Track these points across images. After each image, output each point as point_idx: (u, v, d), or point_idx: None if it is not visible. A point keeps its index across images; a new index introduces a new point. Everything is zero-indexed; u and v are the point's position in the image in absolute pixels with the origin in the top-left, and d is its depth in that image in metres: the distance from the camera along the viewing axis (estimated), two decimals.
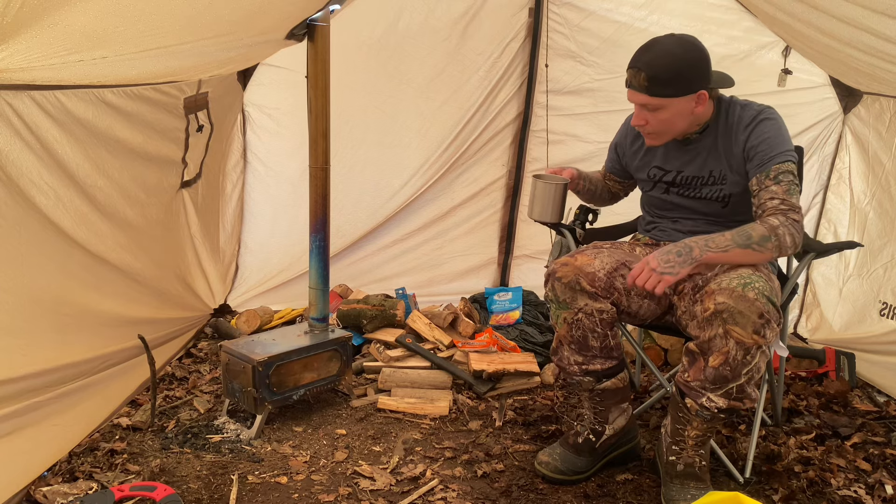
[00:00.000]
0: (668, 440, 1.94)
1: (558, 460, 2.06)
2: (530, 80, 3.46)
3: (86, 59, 1.70)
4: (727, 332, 1.73)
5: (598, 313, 1.97)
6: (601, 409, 2.06)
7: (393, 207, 3.55)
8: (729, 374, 1.76)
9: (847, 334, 3.10)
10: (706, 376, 1.79)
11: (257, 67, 3.22)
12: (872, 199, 3.05)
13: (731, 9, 3.11)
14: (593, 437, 2.06)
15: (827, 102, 3.19)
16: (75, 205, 2.03)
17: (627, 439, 2.13)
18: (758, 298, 1.72)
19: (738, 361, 1.74)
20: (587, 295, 1.96)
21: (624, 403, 2.09)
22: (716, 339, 1.75)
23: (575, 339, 2.00)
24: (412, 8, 3.28)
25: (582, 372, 2.03)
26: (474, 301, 3.53)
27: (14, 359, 1.80)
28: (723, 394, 1.79)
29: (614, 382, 2.05)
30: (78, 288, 2.10)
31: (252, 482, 2.01)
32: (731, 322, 1.73)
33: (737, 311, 1.72)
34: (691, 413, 1.85)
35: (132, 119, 2.24)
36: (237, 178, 3.42)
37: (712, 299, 1.76)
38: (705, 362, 1.79)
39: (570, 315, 1.98)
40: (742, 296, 1.72)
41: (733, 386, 1.77)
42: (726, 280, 1.78)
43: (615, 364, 2.04)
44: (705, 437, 1.90)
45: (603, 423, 2.06)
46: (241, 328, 3.15)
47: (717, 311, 1.74)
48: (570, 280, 1.96)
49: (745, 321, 1.72)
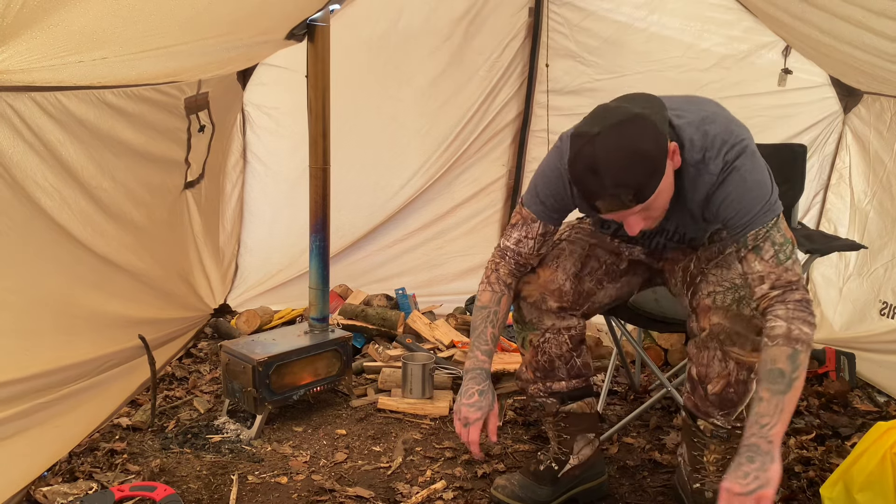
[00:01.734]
0: (688, 468, 1.83)
1: (517, 486, 1.91)
2: (530, 80, 3.47)
3: (86, 60, 1.70)
4: (725, 353, 1.65)
5: (566, 331, 1.84)
6: (565, 438, 1.91)
7: (393, 207, 3.55)
8: (734, 397, 1.68)
9: (847, 334, 3.10)
10: (712, 402, 1.71)
11: (257, 67, 3.22)
12: (873, 199, 3.05)
13: (731, 9, 3.11)
14: (556, 466, 1.91)
15: (827, 102, 3.19)
16: (80, 206, 2.03)
17: (594, 474, 1.96)
18: (754, 315, 1.61)
19: (742, 381, 1.66)
20: (553, 314, 1.82)
21: (591, 433, 1.94)
22: (714, 362, 1.67)
23: (540, 365, 1.87)
24: (412, 8, 3.28)
25: (546, 393, 1.89)
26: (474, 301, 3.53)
27: (19, 360, 1.81)
28: (735, 418, 1.70)
29: (581, 406, 1.90)
30: (83, 289, 2.11)
31: (252, 482, 2.01)
32: (728, 343, 1.64)
33: (734, 332, 1.63)
34: (706, 436, 1.75)
35: (134, 120, 2.24)
36: (237, 177, 3.43)
37: (707, 319, 1.67)
38: (705, 391, 1.70)
39: (536, 337, 1.85)
40: (738, 315, 1.63)
41: (742, 409, 1.69)
42: (720, 295, 1.67)
43: (582, 386, 1.90)
44: (725, 460, 1.73)
45: (567, 453, 1.91)
46: (241, 328, 3.15)
47: (713, 332, 1.65)
48: (535, 300, 1.82)
49: (743, 341, 1.63)
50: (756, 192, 1.54)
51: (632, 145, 1.42)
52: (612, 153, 1.42)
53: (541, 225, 1.78)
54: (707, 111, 1.59)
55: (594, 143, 1.43)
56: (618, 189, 1.42)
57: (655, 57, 3.29)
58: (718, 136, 1.53)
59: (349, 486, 2.00)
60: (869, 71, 2.61)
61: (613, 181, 1.42)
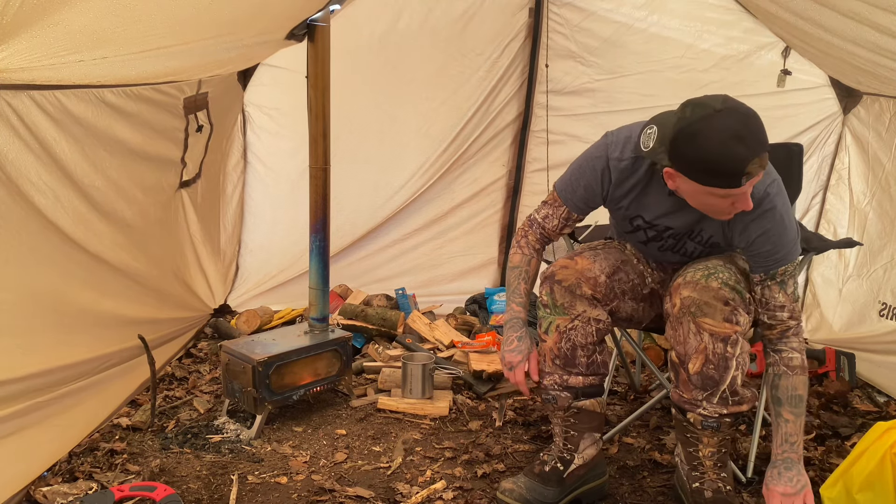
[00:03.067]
0: (686, 467, 1.87)
1: (524, 488, 1.90)
2: (530, 81, 3.47)
3: (86, 59, 1.70)
4: (699, 326, 1.71)
5: (595, 322, 1.86)
6: (572, 434, 1.93)
7: (393, 207, 3.55)
8: (715, 374, 1.73)
9: (847, 334, 3.10)
10: (694, 384, 1.76)
11: (258, 68, 3.22)
12: (872, 200, 3.06)
13: (731, 9, 3.11)
14: (561, 466, 1.92)
15: (826, 103, 3.19)
16: (74, 205, 2.03)
17: (596, 474, 1.98)
18: (721, 287, 1.71)
19: (720, 355, 1.71)
20: (586, 300, 1.85)
21: (597, 433, 1.96)
22: (689, 336, 1.74)
23: (561, 353, 1.87)
24: (412, 8, 3.28)
25: (561, 386, 1.90)
26: (474, 301, 3.54)
27: (14, 359, 1.80)
28: (718, 401, 1.75)
29: (592, 404, 1.92)
30: (77, 288, 2.10)
31: (252, 482, 2.01)
32: (699, 315, 1.71)
33: (702, 302, 1.71)
34: (697, 429, 1.80)
35: (131, 119, 2.24)
36: (237, 178, 3.43)
37: (678, 294, 1.76)
38: (686, 372, 1.76)
39: (564, 322, 1.86)
40: (706, 287, 1.72)
41: (725, 389, 1.74)
42: (691, 272, 1.77)
43: (597, 384, 1.92)
44: (721, 453, 1.82)
45: (572, 452, 1.93)
46: (241, 328, 3.15)
47: (684, 305, 1.73)
48: (570, 284, 1.85)
49: (712, 311, 1.70)
50: (791, 230, 1.73)
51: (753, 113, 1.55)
52: (747, 120, 1.53)
53: (566, 211, 1.94)
54: None
55: (727, 116, 1.52)
56: (761, 149, 1.53)
57: (655, 57, 3.29)
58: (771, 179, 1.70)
59: (349, 486, 2.00)
60: (870, 70, 2.61)
61: (758, 143, 1.53)
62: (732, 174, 1.53)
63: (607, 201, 1.90)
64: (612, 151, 1.81)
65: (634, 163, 1.79)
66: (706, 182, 1.57)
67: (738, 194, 1.58)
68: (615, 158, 1.81)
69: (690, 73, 3.25)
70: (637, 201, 1.86)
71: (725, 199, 1.60)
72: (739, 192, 1.58)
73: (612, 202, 1.90)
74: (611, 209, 1.97)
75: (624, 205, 1.88)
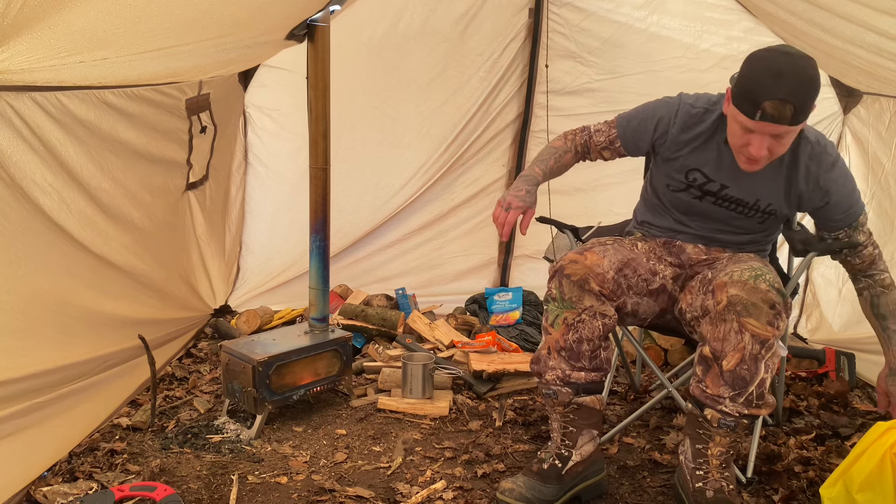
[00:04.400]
0: (691, 465, 1.85)
1: (523, 487, 1.89)
2: (530, 81, 3.47)
3: (86, 61, 1.71)
4: (742, 325, 1.72)
5: (601, 317, 1.87)
6: (571, 431, 1.93)
7: (393, 207, 3.56)
8: (747, 374, 1.73)
9: (847, 334, 3.10)
10: (725, 381, 1.75)
11: (258, 69, 3.23)
12: (872, 200, 3.05)
13: (731, 9, 3.11)
14: (559, 463, 1.92)
15: (827, 103, 3.18)
16: (79, 206, 2.03)
17: (594, 470, 1.98)
18: (769, 290, 1.73)
19: (755, 356, 1.72)
20: (594, 296, 1.87)
21: (595, 430, 1.97)
22: (731, 334, 1.73)
23: (567, 345, 1.88)
24: (412, 8, 3.28)
25: (563, 381, 1.90)
26: (474, 301, 3.54)
27: (16, 360, 1.80)
28: (743, 401, 1.75)
29: (592, 401, 1.93)
30: (81, 289, 2.11)
31: (252, 482, 2.02)
32: (745, 314, 1.71)
33: (750, 304, 1.71)
34: (713, 426, 1.79)
35: (134, 120, 2.25)
36: (239, 179, 3.43)
37: (724, 292, 1.75)
38: (720, 367, 1.75)
39: (572, 316, 1.87)
40: (755, 287, 1.73)
41: (752, 390, 1.74)
42: (738, 272, 1.77)
43: (598, 380, 1.93)
44: (728, 454, 1.82)
45: (570, 448, 1.93)
46: (241, 328, 3.16)
47: (731, 303, 1.73)
48: (579, 278, 1.87)
49: (758, 312, 1.71)
50: (854, 185, 1.94)
51: (814, 74, 1.69)
52: (801, 69, 1.67)
53: (615, 135, 2.10)
54: None
55: (789, 56, 1.70)
56: (791, 97, 1.64)
57: (655, 57, 3.29)
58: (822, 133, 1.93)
59: (349, 486, 2.01)
60: (869, 70, 2.61)
61: (791, 90, 1.64)
62: (751, 101, 1.67)
63: (666, 144, 2.00)
64: (687, 98, 2.00)
65: (705, 114, 1.96)
66: (734, 101, 1.74)
67: (754, 130, 1.71)
68: (688, 104, 1.98)
69: (690, 73, 3.25)
70: (697, 153, 1.97)
71: (744, 136, 1.75)
72: (755, 129, 1.70)
73: (671, 148, 2.00)
74: (665, 158, 2.03)
75: (684, 153, 1.98)
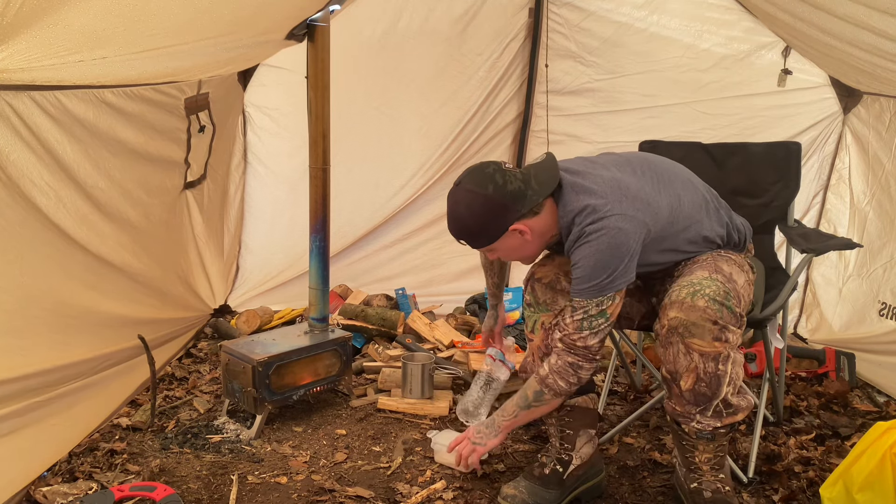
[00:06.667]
0: (684, 469, 1.86)
1: (525, 493, 1.88)
2: (530, 81, 3.47)
3: (86, 60, 1.71)
4: (688, 346, 1.68)
5: None
6: (568, 433, 1.94)
7: (393, 207, 3.56)
8: (707, 391, 1.70)
9: (847, 334, 3.10)
10: (687, 400, 1.74)
11: (258, 68, 3.22)
12: (872, 200, 3.06)
13: (731, 9, 3.12)
14: (560, 468, 1.92)
15: (827, 102, 3.19)
16: (76, 205, 2.03)
17: (594, 472, 1.99)
18: (708, 305, 1.66)
19: (712, 374, 1.68)
20: (567, 294, 1.84)
21: (592, 430, 1.98)
22: (680, 356, 1.69)
23: (549, 349, 1.88)
24: (412, 8, 3.28)
25: None
26: (474, 301, 3.53)
27: (14, 359, 1.80)
28: (712, 414, 1.73)
29: (584, 401, 1.95)
30: (79, 288, 2.11)
31: (252, 482, 2.01)
32: (688, 336, 1.67)
33: (690, 323, 1.66)
34: (692, 437, 1.78)
35: (133, 119, 2.24)
36: (238, 179, 3.43)
37: (665, 315, 1.71)
38: (679, 388, 1.73)
39: (549, 319, 1.88)
40: (692, 306, 1.67)
41: (717, 403, 1.72)
42: (677, 290, 1.73)
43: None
44: (718, 457, 1.80)
45: (569, 451, 1.93)
46: (240, 328, 3.15)
47: (672, 326, 1.69)
48: (550, 280, 1.88)
49: (701, 331, 1.65)
50: (599, 266, 1.68)
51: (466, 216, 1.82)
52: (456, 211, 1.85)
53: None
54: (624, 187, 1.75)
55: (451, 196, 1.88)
56: (458, 236, 1.85)
57: (655, 57, 3.29)
58: (590, 206, 1.71)
59: (349, 486, 2.00)
60: (869, 70, 2.61)
61: (455, 231, 1.86)
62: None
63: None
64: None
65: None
66: None
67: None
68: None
69: (690, 73, 3.25)
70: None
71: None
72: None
73: None
74: None
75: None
